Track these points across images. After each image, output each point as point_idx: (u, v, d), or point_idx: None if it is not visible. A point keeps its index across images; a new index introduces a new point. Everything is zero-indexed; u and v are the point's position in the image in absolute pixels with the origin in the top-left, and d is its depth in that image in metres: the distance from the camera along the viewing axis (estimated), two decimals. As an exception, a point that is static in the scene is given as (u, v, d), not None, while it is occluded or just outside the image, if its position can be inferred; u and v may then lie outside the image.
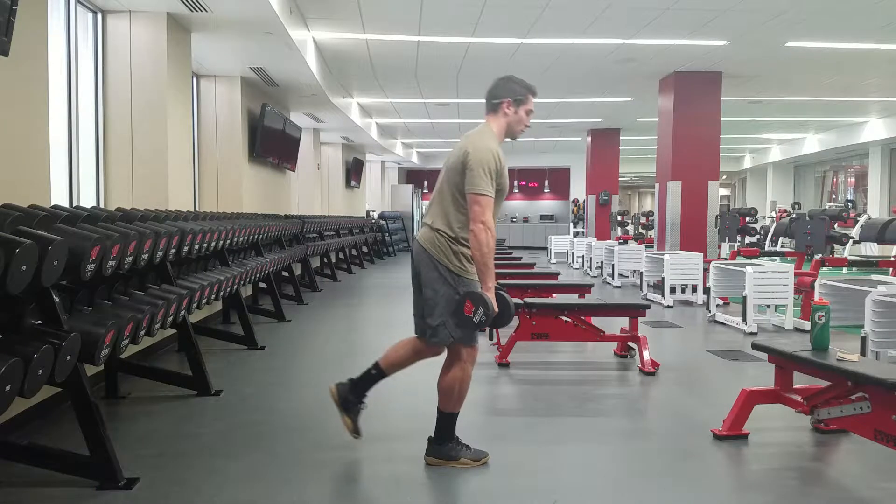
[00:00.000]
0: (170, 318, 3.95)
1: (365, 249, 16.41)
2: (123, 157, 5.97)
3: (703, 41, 8.53)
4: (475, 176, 3.05)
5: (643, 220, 15.89)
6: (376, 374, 3.39)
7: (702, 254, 9.46)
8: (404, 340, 3.41)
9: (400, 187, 23.16)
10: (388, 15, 7.54)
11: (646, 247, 11.74)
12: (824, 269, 7.90)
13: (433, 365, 3.29)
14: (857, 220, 10.95)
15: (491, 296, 3.04)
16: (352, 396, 3.35)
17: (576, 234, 18.40)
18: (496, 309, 3.05)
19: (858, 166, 19.85)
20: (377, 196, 22.34)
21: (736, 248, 10.16)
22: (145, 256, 3.60)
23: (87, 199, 5.73)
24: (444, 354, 3.27)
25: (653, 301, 8.73)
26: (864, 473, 3.28)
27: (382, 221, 19.59)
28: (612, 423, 4.06)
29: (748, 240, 11.29)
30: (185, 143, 6.60)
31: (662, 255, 9.29)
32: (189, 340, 4.47)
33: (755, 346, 3.91)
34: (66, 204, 4.96)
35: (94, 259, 2.96)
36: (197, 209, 7.75)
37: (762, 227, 14.15)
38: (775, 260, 8.97)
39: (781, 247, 12.89)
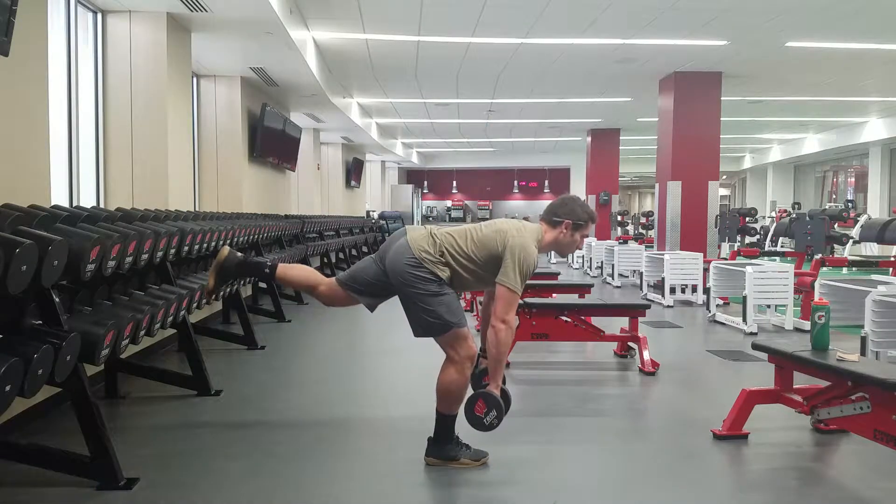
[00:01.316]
0: (170, 318, 3.95)
1: (365, 249, 16.39)
2: (123, 157, 5.97)
3: (703, 41, 8.53)
4: (513, 272, 3.07)
5: (643, 220, 15.91)
6: (268, 273, 3.42)
7: (702, 254, 9.46)
8: (312, 271, 3.51)
9: (400, 187, 23.18)
10: (388, 15, 7.54)
11: (646, 247, 11.74)
12: (824, 269, 7.91)
13: (433, 366, 3.29)
14: (857, 220, 10.97)
15: (499, 394, 3.10)
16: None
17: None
18: (505, 412, 3.12)
19: (858, 166, 19.85)
20: (377, 196, 22.34)
21: (736, 248, 10.18)
22: (145, 256, 3.60)
23: (87, 199, 5.73)
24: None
25: (653, 301, 8.72)
26: (864, 473, 3.28)
27: (382, 221, 19.59)
28: (612, 423, 4.06)
29: (748, 240, 11.31)
30: (185, 143, 6.60)
31: (662, 255, 9.29)
32: (189, 340, 4.47)
33: (755, 346, 3.91)
34: (66, 204, 4.96)
35: (94, 259, 2.96)
36: (197, 209, 7.74)
37: (762, 227, 14.17)
38: (775, 260, 8.97)
39: (781, 247, 12.90)
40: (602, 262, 12.51)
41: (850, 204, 13.37)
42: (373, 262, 3.32)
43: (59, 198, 4.97)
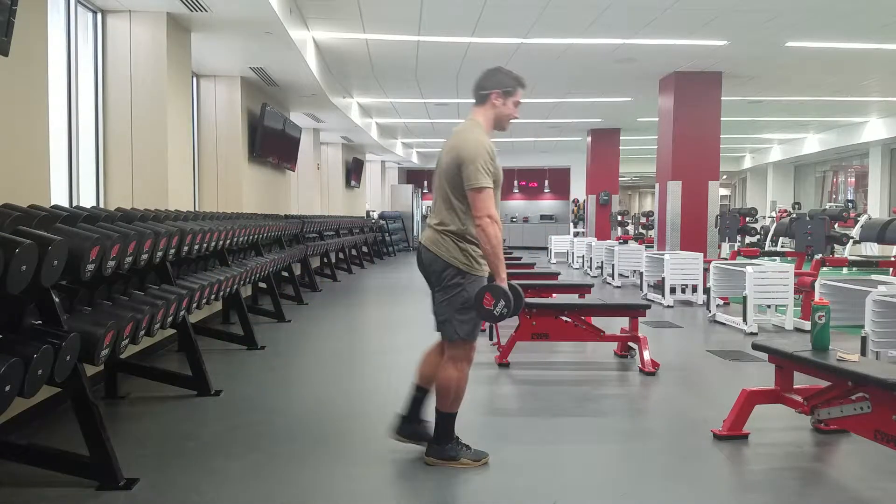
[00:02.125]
0: (170, 318, 3.95)
1: (365, 249, 16.40)
2: (123, 157, 5.97)
3: (703, 41, 8.53)
4: (472, 171, 3.06)
5: (643, 220, 15.90)
6: (419, 394, 3.37)
7: (702, 254, 9.46)
8: (429, 351, 3.40)
9: (400, 187, 23.16)
10: (388, 15, 7.54)
11: (646, 247, 11.74)
12: (824, 269, 7.90)
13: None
14: (857, 220, 10.96)
15: (505, 286, 3.07)
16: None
17: (576, 234, 18.40)
18: (514, 304, 3.08)
19: (858, 166, 19.85)
20: (377, 196, 22.34)
21: (736, 248, 10.16)
22: (145, 256, 3.60)
23: (87, 199, 5.73)
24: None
25: (653, 301, 8.72)
26: (864, 473, 3.28)
27: (382, 221, 19.58)
28: (612, 423, 4.05)
29: (748, 240, 11.30)
30: (185, 143, 6.60)
31: (662, 255, 9.29)
32: (189, 340, 4.47)
33: (755, 346, 3.91)
34: (66, 204, 4.96)
35: (94, 259, 2.96)
36: (197, 209, 7.75)
37: (762, 227, 14.15)
38: (775, 260, 8.97)
39: (781, 247, 12.89)
40: (602, 262, 12.51)
41: (850, 204, 13.36)
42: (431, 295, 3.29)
43: (59, 198, 4.97)
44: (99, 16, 5.82)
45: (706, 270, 8.29)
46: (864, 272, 8.31)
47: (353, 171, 17.57)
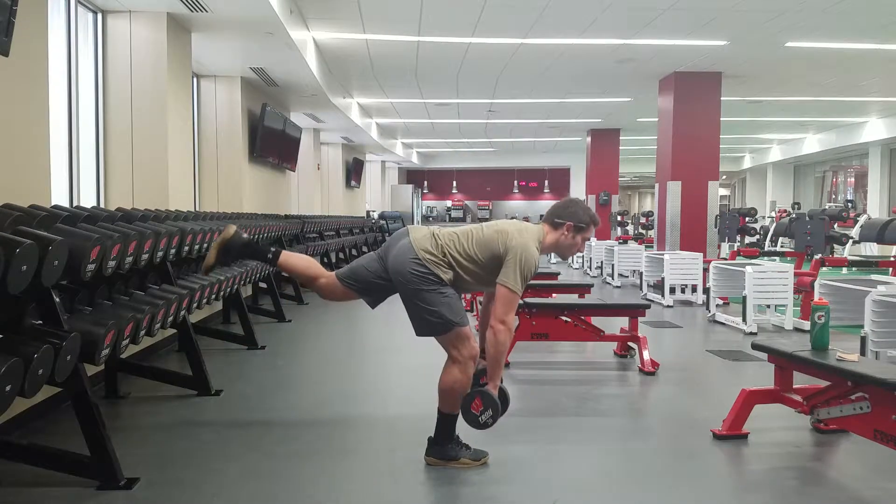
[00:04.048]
0: (170, 318, 3.95)
1: (365, 249, 16.38)
2: (123, 157, 5.97)
3: (703, 41, 8.53)
4: (513, 273, 3.08)
5: (643, 220, 15.92)
6: (271, 259, 3.36)
7: (702, 254, 9.46)
8: (315, 264, 3.46)
9: (400, 187, 23.18)
10: (388, 15, 7.54)
11: (646, 247, 11.75)
12: (824, 269, 7.91)
13: (433, 365, 3.29)
14: (857, 220, 10.97)
15: (496, 394, 3.11)
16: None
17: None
18: (501, 412, 3.14)
19: (858, 166, 19.85)
20: (377, 196, 22.34)
21: (736, 248, 10.18)
22: (145, 256, 3.60)
23: (87, 199, 5.73)
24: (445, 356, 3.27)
25: (653, 301, 8.72)
26: (864, 473, 3.28)
27: (382, 221, 19.59)
28: (611, 423, 4.06)
29: (748, 240, 11.32)
30: (185, 143, 6.60)
31: (662, 255, 9.29)
32: (189, 340, 4.47)
33: (755, 346, 3.91)
34: (66, 204, 4.97)
35: (95, 259, 2.96)
36: (197, 209, 7.74)
37: (762, 227, 14.17)
38: (775, 260, 8.97)
39: (781, 247, 12.91)
40: (602, 262, 12.51)
41: (849, 204, 13.38)
42: (374, 259, 3.32)
43: (59, 198, 4.97)
44: (99, 16, 5.82)
45: (706, 270, 8.29)
46: (864, 272, 8.32)
47: (353, 171, 17.58)
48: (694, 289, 9.09)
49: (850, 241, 10.04)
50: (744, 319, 6.89)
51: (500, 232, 3.19)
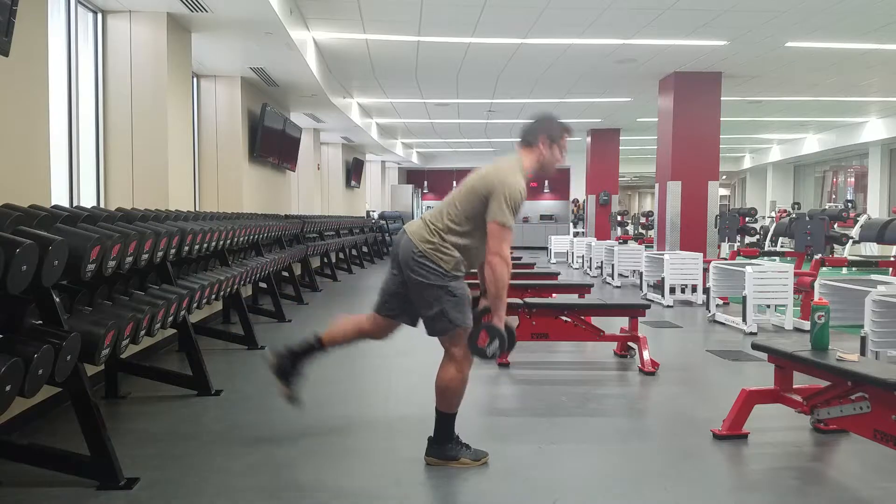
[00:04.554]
0: (170, 318, 3.95)
1: (365, 249, 16.40)
2: (124, 157, 5.97)
3: (703, 41, 8.53)
4: (501, 208, 3.05)
5: (643, 220, 15.91)
6: (317, 347, 3.47)
7: (701, 254, 9.46)
8: (351, 317, 3.48)
9: (400, 187, 23.17)
10: (388, 15, 7.54)
11: (646, 247, 11.74)
12: (824, 269, 7.91)
13: (434, 364, 3.29)
14: (857, 220, 10.96)
15: (502, 327, 3.08)
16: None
17: (576, 234, 18.40)
18: (508, 344, 3.12)
19: (858, 166, 19.85)
20: (377, 196, 22.34)
21: (736, 248, 10.17)
22: (145, 256, 3.60)
23: (88, 199, 5.73)
24: (443, 353, 3.27)
25: (653, 301, 8.73)
26: (864, 473, 3.28)
27: (382, 221, 19.59)
28: (612, 423, 4.06)
29: (748, 240, 11.31)
30: (186, 144, 6.60)
31: (662, 255, 9.29)
32: (189, 340, 4.47)
33: (755, 346, 3.91)
34: (66, 204, 4.96)
35: (95, 259, 2.96)
36: (197, 209, 7.75)
37: (762, 227, 14.17)
38: (775, 260, 8.97)
39: (781, 247, 12.90)
40: (602, 262, 12.51)
41: (849, 204, 13.36)
42: (389, 272, 3.32)
43: (59, 198, 4.97)
44: (99, 16, 5.82)
45: (706, 270, 8.29)
46: (864, 272, 8.32)
47: (353, 171, 17.57)
48: (694, 289, 9.10)
49: (850, 241, 10.03)
50: (744, 319, 6.89)
51: (479, 177, 3.18)
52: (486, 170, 3.21)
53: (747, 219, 10.88)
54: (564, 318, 5.39)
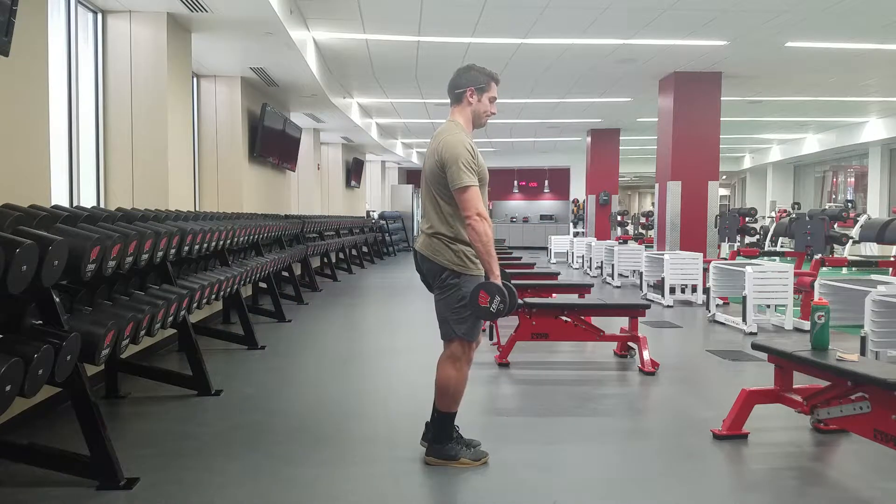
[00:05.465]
0: (170, 318, 3.95)
1: (365, 249, 16.41)
2: (124, 157, 5.97)
3: (703, 41, 8.53)
4: (455, 172, 3.07)
5: (643, 220, 15.89)
6: (439, 416, 3.27)
7: (701, 254, 9.46)
8: (440, 364, 3.26)
9: (400, 187, 23.17)
10: (388, 15, 7.54)
11: (646, 247, 11.74)
12: (824, 269, 7.90)
13: (433, 365, 3.29)
14: (857, 220, 10.96)
15: (500, 283, 3.05)
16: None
17: (576, 235, 18.40)
18: (509, 298, 3.07)
19: (858, 166, 19.85)
20: (377, 196, 22.34)
21: (736, 248, 10.17)
22: (145, 256, 3.60)
23: (88, 199, 5.73)
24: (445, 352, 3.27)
25: (653, 301, 8.73)
26: (864, 473, 3.28)
27: (382, 221, 19.59)
28: (611, 423, 4.06)
29: (748, 240, 11.29)
30: (186, 143, 6.60)
31: (662, 255, 9.29)
32: (189, 340, 4.47)
33: (755, 346, 3.91)
34: (66, 204, 4.97)
35: (95, 259, 2.96)
36: (197, 209, 7.75)
37: (762, 227, 14.16)
38: (775, 260, 8.97)
39: (781, 247, 12.90)
40: (602, 262, 12.51)
41: (849, 204, 13.36)
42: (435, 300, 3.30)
43: (59, 198, 4.97)
44: (99, 16, 5.82)
45: (706, 270, 8.29)
46: (864, 272, 8.32)
47: (353, 172, 17.57)
48: (694, 289, 9.10)
49: (850, 241, 10.02)
50: (744, 319, 6.89)
51: (430, 155, 3.21)
52: (429, 149, 3.25)
53: (747, 219, 10.86)
54: (564, 318, 5.39)
